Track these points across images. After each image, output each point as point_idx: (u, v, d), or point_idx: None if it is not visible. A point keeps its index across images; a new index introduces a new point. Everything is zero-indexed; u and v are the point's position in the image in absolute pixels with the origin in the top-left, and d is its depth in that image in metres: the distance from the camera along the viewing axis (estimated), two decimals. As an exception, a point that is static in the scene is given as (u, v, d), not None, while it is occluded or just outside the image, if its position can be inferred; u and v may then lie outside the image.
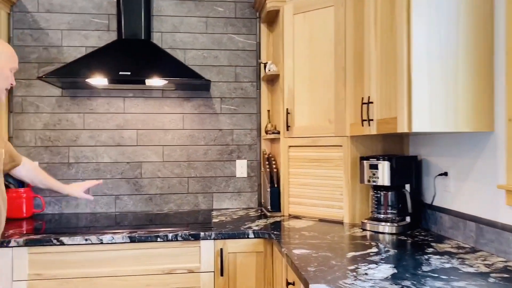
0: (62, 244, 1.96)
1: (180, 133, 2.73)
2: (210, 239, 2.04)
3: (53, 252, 1.97)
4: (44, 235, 2.01)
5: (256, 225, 2.20)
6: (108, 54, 2.38)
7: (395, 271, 1.41)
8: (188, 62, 2.73)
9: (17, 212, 2.45)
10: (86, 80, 2.32)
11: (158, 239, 2.01)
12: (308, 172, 2.39)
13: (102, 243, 1.99)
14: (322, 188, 2.34)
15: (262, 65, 2.74)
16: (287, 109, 2.42)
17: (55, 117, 2.65)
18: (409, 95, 1.58)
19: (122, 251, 2.01)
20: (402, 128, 1.60)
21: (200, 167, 2.75)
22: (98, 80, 2.32)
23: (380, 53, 1.81)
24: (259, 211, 2.65)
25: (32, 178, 1.98)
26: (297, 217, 2.41)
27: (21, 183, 2.49)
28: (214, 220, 2.35)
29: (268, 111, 2.74)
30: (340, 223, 2.24)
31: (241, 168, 2.77)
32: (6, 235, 2.01)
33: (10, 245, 1.92)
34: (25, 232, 2.08)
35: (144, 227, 2.20)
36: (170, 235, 2.02)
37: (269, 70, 2.54)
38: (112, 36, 2.69)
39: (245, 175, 2.78)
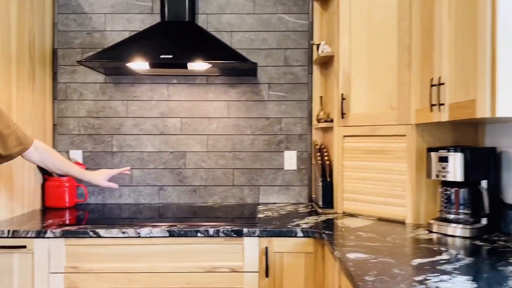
0: (99, 236, 1.85)
1: (225, 121, 2.57)
2: (254, 236, 1.86)
3: (90, 244, 1.87)
4: (81, 226, 1.91)
5: (306, 223, 1.99)
6: (150, 37, 2.25)
7: (475, 285, 1.14)
8: (234, 46, 2.55)
9: (59, 202, 2.40)
10: (126, 65, 2.21)
11: (199, 234, 1.85)
12: (365, 165, 2.13)
13: (139, 236, 1.86)
14: (382, 183, 2.08)
15: (314, 47, 2.51)
16: (342, 94, 2.17)
17: (98, 104, 2.57)
18: (493, 72, 1.30)
19: (161, 245, 1.87)
20: (483, 112, 1.32)
21: (246, 158, 2.57)
22: (139, 64, 2.19)
23: (455, 24, 1.52)
24: (309, 207, 2.43)
25: (46, 163, 1.85)
26: (352, 215, 2.17)
27: (64, 172, 2.43)
28: (259, 216, 2.16)
29: (321, 97, 2.51)
30: (402, 223, 1.97)
31: (290, 160, 2.56)
32: (44, 225, 1.94)
33: (47, 235, 1.84)
34: (63, 222, 2.00)
35: (186, 220, 2.05)
36: (211, 231, 1.85)
37: (322, 52, 2.30)
38: (155, 19, 2.56)
39: (294, 168, 2.56)
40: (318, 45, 2.41)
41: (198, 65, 2.20)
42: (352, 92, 2.17)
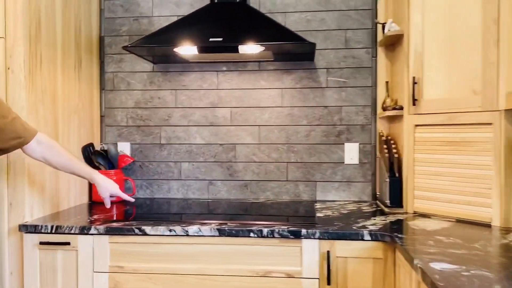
0: (145, 234, 1.71)
1: (279, 111, 2.36)
2: (314, 238, 1.64)
3: (136, 242, 1.73)
4: (126, 223, 1.78)
5: (373, 224, 1.74)
6: (198, 20, 2.08)
7: None
8: (289, 27, 2.33)
9: (107, 195, 2.30)
10: (174, 50, 2.05)
11: (251, 235, 1.66)
12: (441, 159, 1.85)
13: (187, 235, 1.70)
14: (461, 180, 1.79)
15: (379, 27, 2.24)
16: (413, 78, 1.90)
17: (146, 95, 2.45)
18: None
19: (210, 245, 1.70)
20: None
21: (301, 151, 2.35)
22: (187, 49, 2.03)
23: None
24: (374, 206, 2.17)
25: (50, 160, 1.64)
26: (424, 216, 1.89)
27: (111, 164, 2.33)
28: (318, 215, 1.94)
29: (387, 82, 2.24)
30: (487, 226, 1.68)
31: (351, 152, 2.31)
32: (89, 220, 1.83)
33: (91, 232, 1.73)
34: (108, 218, 1.88)
35: (237, 218, 1.87)
36: (265, 231, 1.66)
37: (389, 31, 2.03)
38: (205, 2, 2.39)
39: (356, 162, 2.31)
40: (383, 24, 2.14)
41: (250, 48, 2.01)
42: (426, 75, 1.89)
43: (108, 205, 1.83)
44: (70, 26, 2.15)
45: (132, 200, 1.89)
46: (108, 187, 1.78)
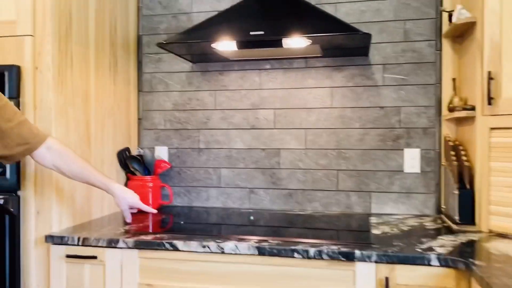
0: (176, 249, 1.54)
1: (328, 112, 2.12)
2: (370, 261, 1.39)
3: (167, 258, 1.56)
4: (157, 235, 1.61)
5: (440, 245, 1.47)
6: (239, 13, 1.89)
7: None
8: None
9: (142, 203, 2.15)
10: (211, 46, 1.88)
11: (295, 255, 1.44)
12: (525, 168, 1.54)
13: (223, 252, 1.50)
14: (552, 194, 1.47)
15: (445, 15, 1.95)
16: (489, 72, 1.60)
17: (185, 96, 2.29)
18: None
19: (248, 265, 1.49)
20: None
21: (353, 157, 2.09)
22: (225, 45, 1.84)
23: None
24: (439, 222, 1.88)
25: (61, 168, 1.49)
26: (503, 236, 1.59)
27: (147, 170, 2.19)
28: (374, 231, 1.68)
29: (454, 79, 1.94)
30: None
31: (411, 160, 2.03)
32: (122, 231, 1.68)
33: (119, 245, 1.57)
34: (139, 229, 1.72)
35: (280, 232, 1.66)
36: (312, 251, 1.43)
37: (458, 19, 1.74)
38: (247, -5, 2.20)
39: (417, 170, 2.03)
40: (450, 12, 1.85)
41: (295, 42, 1.79)
42: (505, 69, 1.59)
43: (128, 219, 1.67)
44: (104, 24, 2.03)
45: (154, 211, 1.72)
46: (127, 198, 1.62)
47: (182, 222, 1.79)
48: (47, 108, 1.67)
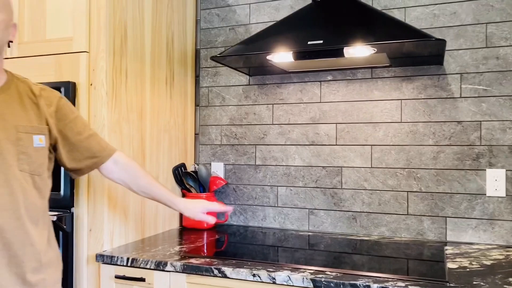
0: (225, 276, 1.43)
1: (397, 127, 1.92)
2: (444, 304, 1.19)
3: (215, 285, 1.46)
4: (206, 259, 1.52)
5: (534, 289, 1.22)
6: (297, 23, 1.77)
7: None
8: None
9: (197, 222, 2.07)
10: (267, 58, 1.77)
11: (356, 291, 1.27)
12: None
13: (274, 283, 1.37)
14: None
15: (536, 15, 1.68)
16: None
17: (241, 110, 2.20)
18: None
19: (303, 299, 1.35)
20: None
21: (426, 178, 1.87)
22: (281, 56, 1.73)
23: None
24: (531, 255, 1.60)
25: (128, 183, 1.47)
26: None
27: (202, 186, 2.12)
28: (449, 265, 1.46)
29: (548, 89, 1.66)
30: None
31: (495, 181, 1.77)
32: (168, 253, 1.61)
33: (167, 268, 1.50)
34: (189, 251, 1.64)
35: (340, 260, 1.49)
36: (374, 287, 1.25)
37: (553, 18, 1.49)
38: (307, 3, 2.08)
39: (503, 194, 1.76)
40: (543, 11, 1.59)
41: (358, 51, 1.63)
42: None
43: (211, 221, 1.56)
44: (161, 38, 2.00)
45: (230, 208, 1.61)
46: (196, 207, 1.54)
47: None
48: (101, 124, 1.65)
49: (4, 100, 1.20)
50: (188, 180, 2.12)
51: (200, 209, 1.53)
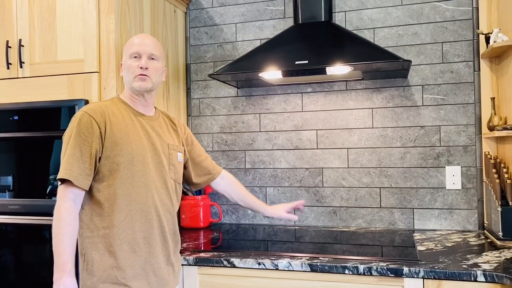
0: (233, 266, 1.66)
1: (369, 132, 2.21)
2: (417, 277, 1.47)
3: (225, 275, 1.69)
4: (214, 253, 1.74)
5: (485, 262, 1.53)
6: (282, 43, 2.03)
7: None
8: (379, 44, 2.20)
9: (194, 222, 2.30)
10: (259, 75, 2.02)
11: (346, 271, 1.54)
12: None
13: (277, 269, 1.62)
14: None
15: (482, 38, 2.02)
16: (528, 93, 1.67)
17: (231, 119, 2.44)
18: None
19: (301, 281, 1.60)
20: None
21: (395, 175, 2.18)
22: (271, 74, 1.98)
23: None
24: (482, 238, 1.93)
25: (231, 193, 1.82)
26: (549, 252, 1.63)
27: (198, 190, 2.34)
28: (419, 248, 1.76)
29: (492, 99, 2.00)
30: None
31: (452, 177, 2.09)
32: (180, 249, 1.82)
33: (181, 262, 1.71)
34: (197, 247, 1.86)
35: (327, 248, 1.76)
36: (361, 268, 1.52)
37: (495, 42, 1.82)
38: (288, 24, 2.34)
39: (459, 187, 2.09)
40: (487, 35, 1.92)
41: (338, 69, 1.91)
42: (544, 90, 1.65)
43: (295, 218, 1.81)
44: (158, 56, 2.20)
45: (302, 202, 1.86)
46: (280, 209, 1.83)
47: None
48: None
49: (158, 124, 1.57)
50: (184, 184, 2.33)
51: (284, 210, 1.83)
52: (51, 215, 1.42)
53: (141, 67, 1.47)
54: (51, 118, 1.87)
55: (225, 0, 2.43)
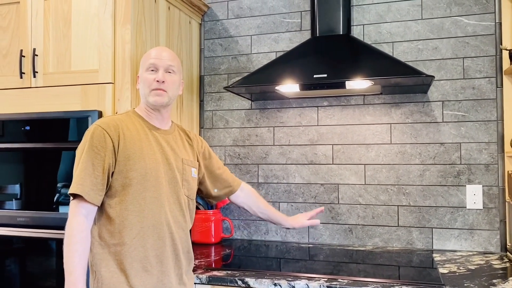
0: (248, 286, 1.60)
1: (387, 148, 2.15)
2: (442, 303, 1.41)
3: (238, 294, 1.63)
4: (228, 271, 1.68)
5: (514, 288, 1.46)
6: (300, 56, 1.99)
7: None
8: (398, 58, 2.15)
9: (205, 237, 2.25)
10: (275, 88, 1.97)
11: (366, 295, 1.47)
12: None
13: (293, 290, 1.55)
14: None
15: (505, 53, 1.96)
16: (557, 112, 1.61)
17: (244, 132, 2.39)
18: None
19: (319, 304, 1.54)
20: None
21: (414, 193, 2.11)
22: (289, 87, 1.94)
23: None
24: (505, 260, 1.86)
25: (251, 205, 1.77)
26: None
27: (209, 204, 2.29)
28: (441, 271, 1.68)
29: (517, 116, 1.94)
30: None
31: (473, 196, 2.03)
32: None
33: (194, 281, 1.65)
34: (209, 265, 1.80)
35: (343, 269, 1.69)
36: (383, 291, 1.46)
37: (520, 58, 1.76)
38: (304, 37, 2.30)
39: (480, 207, 2.02)
40: (511, 51, 1.87)
41: (358, 84, 1.86)
42: None
43: (317, 223, 1.77)
44: (172, 67, 2.17)
45: (321, 209, 1.80)
46: (300, 219, 1.78)
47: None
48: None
49: (173, 139, 1.52)
50: (197, 198, 2.27)
51: (304, 219, 1.78)
52: (59, 228, 1.37)
53: (157, 80, 1.43)
54: (64, 128, 1.84)
55: (241, 12, 2.40)
